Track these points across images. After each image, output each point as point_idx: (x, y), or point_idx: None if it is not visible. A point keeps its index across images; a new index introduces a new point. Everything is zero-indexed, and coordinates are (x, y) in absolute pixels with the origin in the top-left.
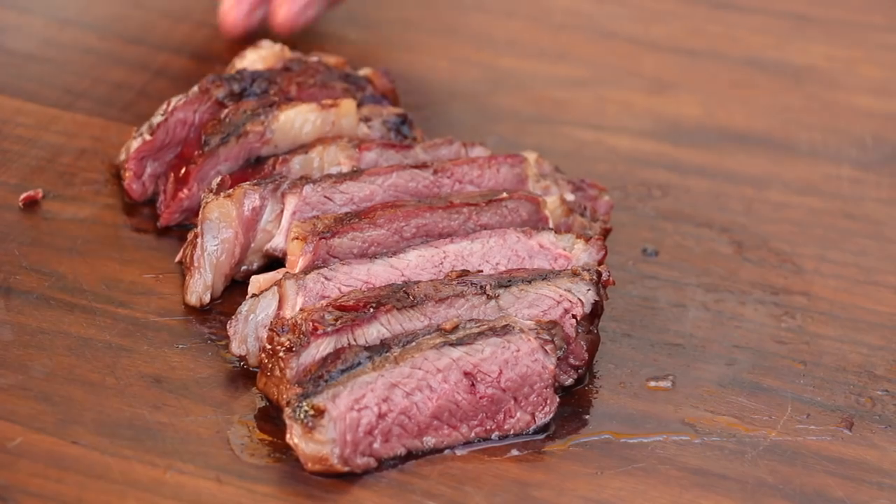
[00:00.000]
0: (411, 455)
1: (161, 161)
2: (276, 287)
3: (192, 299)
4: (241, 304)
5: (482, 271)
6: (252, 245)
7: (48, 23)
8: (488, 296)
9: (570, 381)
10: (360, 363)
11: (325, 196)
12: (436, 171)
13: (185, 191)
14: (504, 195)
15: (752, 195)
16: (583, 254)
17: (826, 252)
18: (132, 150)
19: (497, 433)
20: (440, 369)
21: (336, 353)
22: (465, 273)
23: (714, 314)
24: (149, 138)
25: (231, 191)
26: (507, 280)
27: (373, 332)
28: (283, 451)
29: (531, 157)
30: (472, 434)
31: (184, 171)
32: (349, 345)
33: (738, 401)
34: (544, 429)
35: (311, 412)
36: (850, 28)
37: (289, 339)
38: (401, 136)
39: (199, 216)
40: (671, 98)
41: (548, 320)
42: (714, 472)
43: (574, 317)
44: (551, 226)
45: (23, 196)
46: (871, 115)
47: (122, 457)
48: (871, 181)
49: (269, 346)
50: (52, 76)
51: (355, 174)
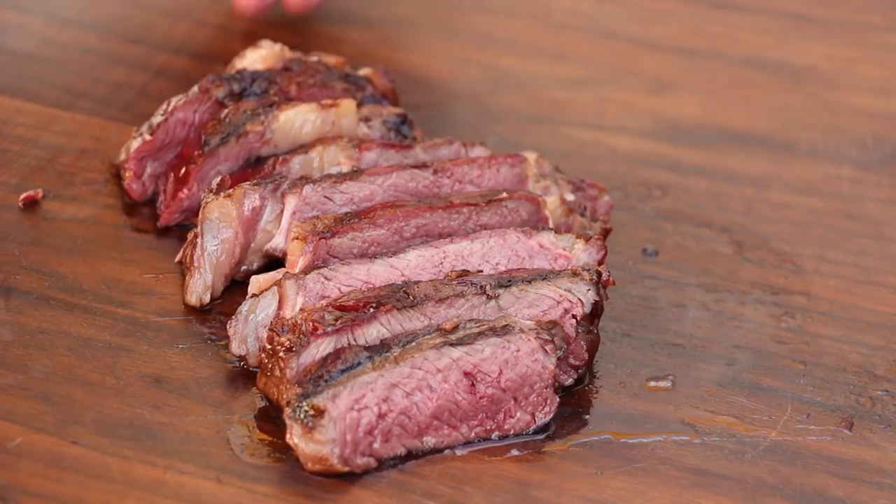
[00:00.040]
0: (411, 455)
1: (161, 161)
2: (276, 287)
3: (192, 299)
4: (241, 304)
5: (482, 271)
6: (252, 245)
7: (48, 23)
8: (488, 296)
9: (570, 381)
10: (360, 363)
11: (325, 196)
12: (436, 171)
13: (185, 191)
14: (504, 195)
15: (752, 195)
16: (583, 254)
17: (826, 252)
18: (132, 150)
19: (497, 433)
20: (440, 369)
21: (336, 353)
22: (465, 273)
23: (714, 314)
24: (149, 138)
25: (231, 191)
26: (507, 280)
27: (373, 332)
28: (283, 451)
29: (531, 157)
30: (472, 434)
31: (184, 171)
32: (349, 345)
33: (738, 401)
34: (544, 429)
35: (311, 412)
36: (850, 28)
37: (289, 339)
38: (401, 136)
39: (199, 216)
40: (671, 98)
41: (548, 320)
42: (714, 472)
43: (574, 317)
44: (551, 226)
45: (23, 196)
46: (871, 115)
47: (122, 457)
48: (871, 181)
49: (269, 346)
50: (52, 76)
51: (355, 174)
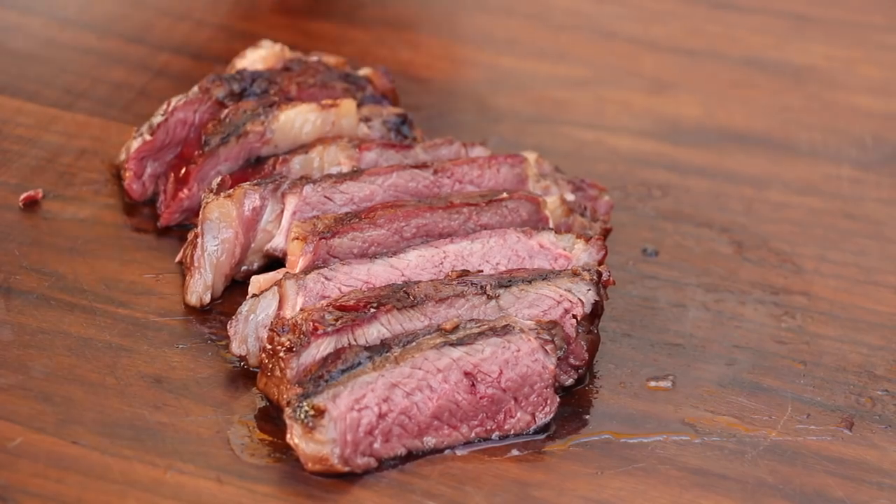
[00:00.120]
0: (411, 455)
1: (161, 161)
2: (276, 287)
3: (193, 299)
4: (241, 304)
5: (482, 271)
6: (252, 245)
7: (48, 23)
8: (488, 296)
9: (570, 381)
10: (360, 363)
11: (325, 196)
12: (436, 171)
13: (185, 191)
14: (504, 195)
15: (752, 195)
16: (583, 254)
17: (826, 252)
18: (132, 150)
19: (497, 433)
20: (440, 369)
21: (336, 353)
22: (465, 273)
23: (714, 314)
24: (149, 138)
25: (231, 191)
26: (507, 280)
27: (373, 332)
28: (284, 451)
29: (531, 157)
30: (473, 434)
31: (184, 171)
32: (349, 345)
33: (738, 401)
34: (544, 429)
35: (312, 412)
36: (850, 28)
37: (289, 339)
38: (401, 136)
39: (200, 216)
40: (671, 98)
41: (548, 320)
42: (714, 472)
43: (574, 317)
44: (551, 226)
45: (23, 196)
46: (871, 115)
47: (122, 457)
48: (871, 181)
49: (269, 346)
50: (52, 76)
51: (355, 174)
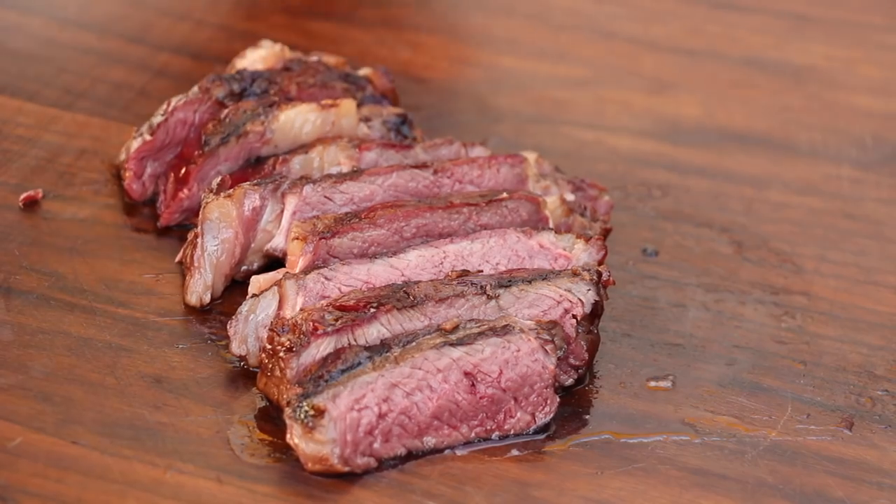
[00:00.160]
0: (411, 455)
1: (161, 161)
2: (276, 287)
3: (192, 299)
4: (241, 304)
5: (482, 271)
6: (252, 245)
7: (48, 23)
8: (488, 296)
9: (570, 381)
10: (360, 363)
11: (325, 196)
12: (436, 171)
13: (185, 191)
14: (504, 195)
15: (752, 195)
16: (583, 254)
17: (826, 252)
18: (132, 150)
19: (497, 433)
20: (440, 369)
21: (336, 353)
22: (465, 273)
23: (714, 314)
24: (149, 138)
25: (231, 191)
26: (507, 280)
27: (373, 332)
28: (283, 451)
29: (531, 157)
30: (473, 434)
31: (184, 171)
32: (349, 345)
33: (738, 401)
34: (544, 429)
35: (312, 412)
36: (850, 28)
37: (289, 339)
38: (401, 136)
39: (199, 216)
40: (671, 98)
41: (548, 320)
42: (714, 472)
43: (574, 317)
44: (551, 226)
45: (23, 196)
46: (871, 115)
47: (122, 457)
48: (871, 181)
49: (269, 346)
50: (52, 76)
51: (355, 174)
